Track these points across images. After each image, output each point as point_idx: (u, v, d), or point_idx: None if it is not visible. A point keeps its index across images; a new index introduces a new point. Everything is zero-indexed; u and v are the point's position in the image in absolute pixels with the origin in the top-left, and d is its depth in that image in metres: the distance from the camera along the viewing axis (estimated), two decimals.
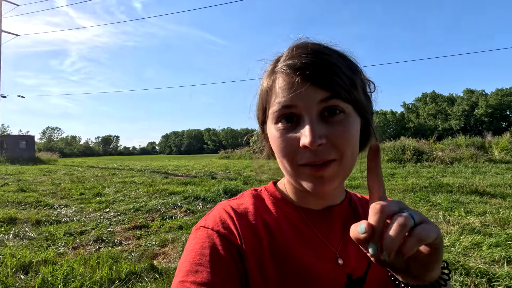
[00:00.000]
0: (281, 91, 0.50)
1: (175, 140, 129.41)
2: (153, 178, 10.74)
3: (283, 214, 0.59)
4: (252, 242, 0.53)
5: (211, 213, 0.60)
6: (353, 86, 0.50)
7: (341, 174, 0.51)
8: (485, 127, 53.73)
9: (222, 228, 0.54)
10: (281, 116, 0.51)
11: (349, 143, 0.50)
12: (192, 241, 0.54)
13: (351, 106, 0.50)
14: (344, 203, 0.63)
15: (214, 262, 0.49)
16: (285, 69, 0.51)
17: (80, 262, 3.18)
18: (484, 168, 11.01)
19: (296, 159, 0.50)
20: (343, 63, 0.51)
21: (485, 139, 17.44)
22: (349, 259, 0.56)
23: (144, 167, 16.67)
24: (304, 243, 0.56)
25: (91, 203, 6.43)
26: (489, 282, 2.58)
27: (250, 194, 0.64)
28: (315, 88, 0.48)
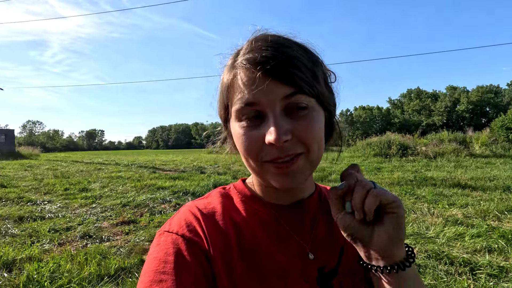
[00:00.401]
0: (242, 87, 0.49)
1: (162, 135, 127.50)
2: (141, 173, 10.57)
3: (252, 212, 0.58)
4: (220, 243, 0.52)
5: (176, 215, 0.57)
6: (315, 79, 0.49)
7: (308, 169, 0.51)
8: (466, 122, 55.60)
9: (187, 231, 0.52)
10: (244, 113, 0.49)
11: (314, 137, 0.49)
12: (156, 247, 0.51)
13: (314, 100, 0.50)
14: (314, 196, 0.63)
15: (180, 269, 0.47)
16: (245, 64, 0.49)
17: (67, 259, 3.10)
18: (466, 162, 11.42)
19: (261, 156, 0.49)
20: (304, 55, 0.50)
21: (466, 134, 18.08)
22: (320, 253, 0.56)
23: (131, 162, 16.37)
24: (274, 240, 0.55)
25: (76, 198, 6.27)
26: (471, 270, 2.69)
27: (218, 193, 0.62)
28: (277, 84, 0.47)
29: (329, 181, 7.94)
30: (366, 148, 16.05)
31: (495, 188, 6.19)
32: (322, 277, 0.54)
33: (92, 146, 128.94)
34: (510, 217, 4.21)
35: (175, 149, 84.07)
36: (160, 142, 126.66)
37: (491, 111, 56.14)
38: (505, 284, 2.43)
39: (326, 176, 8.70)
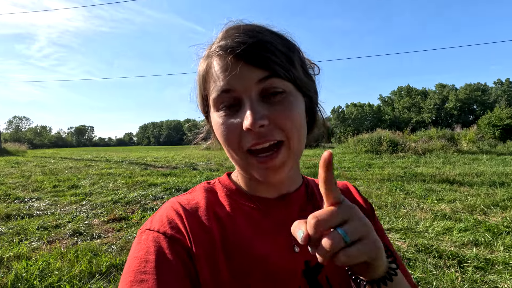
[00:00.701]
0: (217, 75, 0.48)
1: (154, 131, 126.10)
2: (132, 170, 10.44)
3: (237, 206, 0.57)
4: (203, 240, 0.51)
5: (158, 212, 0.56)
6: (290, 64, 0.48)
7: (291, 158, 0.50)
8: (454, 120, 56.81)
9: (169, 229, 0.51)
10: (222, 102, 0.49)
11: (293, 122, 0.48)
12: (136, 246, 0.50)
13: (291, 84, 0.49)
14: (301, 189, 0.62)
15: (161, 268, 0.46)
16: (218, 51, 0.49)
17: (57, 257, 3.05)
18: (454, 159, 11.68)
19: (242, 144, 0.48)
20: (277, 40, 0.49)
21: (455, 131, 18.49)
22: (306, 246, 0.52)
23: (122, 158, 16.15)
24: (260, 234, 0.54)
25: (66, 195, 6.15)
26: (459, 263, 2.76)
27: (203, 187, 0.61)
28: (250, 68, 0.46)
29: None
30: (358, 144, 16.23)
31: (481, 184, 6.35)
32: (308, 270, 0.53)
33: (82, 143, 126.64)
34: (496, 211, 4.33)
35: (167, 146, 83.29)
36: (151, 138, 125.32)
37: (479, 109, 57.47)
38: (491, 276, 2.50)
39: (317, 172, 8.76)
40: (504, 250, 2.99)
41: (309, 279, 0.53)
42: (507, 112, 18.76)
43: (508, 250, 3.01)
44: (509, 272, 2.55)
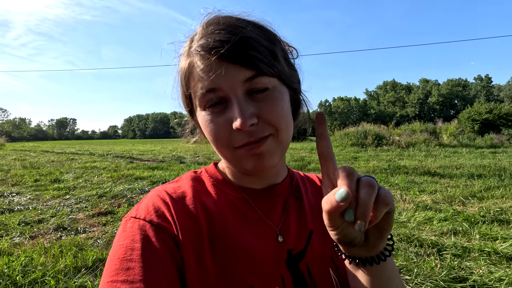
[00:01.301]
0: (201, 75, 0.47)
1: (139, 124, 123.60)
2: (117, 163, 10.23)
3: (223, 196, 0.57)
4: (190, 228, 0.51)
5: (143, 201, 0.55)
6: (274, 59, 0.48)
7: (279, 148, 0.50)
8: (436, 114, 58.58)
9: (155, 217, 0.50)
10: (207, 101, 0.48)
11: (281, 117, 0.48)
12: (122, 234, 0.49)
13: (276, 79, 0.49)
14: (286, 181, 0.63)
15: (147, 256, 0.45)
16: (199, 51, 0.47)
17: (40, 252, 2.98)
18: (435, 152, 12.09)
19: (231, 142, 0.48)
20: (260, 34, 0.48)
21: (437, 125, 19.08)
22: (289, 236, 0.56)
23: (107, 152, 15.79)
24: (245, 224, 0.55)
25: (48, 190, 5.98)
26: (439, 251, 2.89)
27: (189, 176, 0.61)
28: (235, 67, 0.45)
29: (308, 170, 8.11)
30: (344, 138, 16.50)
31: (460, 176, 6.62)
32: (290, 259, 0.54)
33: (64, 136, 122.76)
34: (473, 202, 4.54)
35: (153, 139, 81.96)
36: (137, 131, 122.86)
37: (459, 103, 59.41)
38: (467, 262, 2.64)
39: (305, 165, 8.88)
40: (480, 238, 3.15)
41: (291, 267, 0.54)
42: (485, 107, 19.50)
43: (483, 238, 3.17)
44: (484, 258, 2.69)
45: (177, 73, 0.56)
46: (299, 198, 0.63)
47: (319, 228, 0.60)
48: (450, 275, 2.41)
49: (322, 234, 0.59)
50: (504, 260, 2.66)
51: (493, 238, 3.15)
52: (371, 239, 0.45)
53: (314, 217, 0.62)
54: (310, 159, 10.30)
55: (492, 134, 16.83)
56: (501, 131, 18.11)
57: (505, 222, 3.61)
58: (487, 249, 2.83)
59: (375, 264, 0.46)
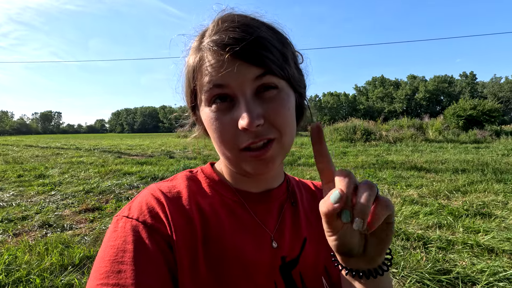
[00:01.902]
0: (210, 70, 0.46)
1: (127, 118, 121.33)
2: (105, 158, 10.03)
3: (219, 198, 0.57)
4: (185, 229, 0.50)
5: (136, 199, 0.54)
6: (285, 61, 0.48)
7: (281, 153, 0.50)
8: (423, 110, 59.86)
9: (149, 217, 0.49)
10: (214, 96, 0.47)
11: (286, 120, 0.48)
12: (113, 234, 0.47)
13: (285, 82, 0.49)
14: (282, 186, 0.63)
15: (140, 258, 0.44)
16: (212, 46, 0.46)
17: (24, 250, 2.90)
18: (421, 147, 12.37)
19: (237, 143, 0.47)
20: (273, 36, 0.48)
21: (423, 121, 19.49)
22: (284, 242, 0.56)
23: (93, 146, 15.45)
24: (240, 227, 0.54)
25: (32, 185, 5.81)
26: (424, 244, 2.97)
27: (185, 176, 0.60)
28: (247, 66, 0.45)
29: (298, 165, 8.17)
30: (333, 133, 16.67)
31: (445, 170, 6.80)
32: (284, 266, 0.54)
33: (48, 130, 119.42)
34: (458, 196, 4.68)
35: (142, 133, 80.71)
36: (125, 125, 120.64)
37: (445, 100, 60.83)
38: (451, 255, 2.72)
39: (295, 160, 8.93)
40: (463, 231, 3.26)
41: (284, 274, 0.53)
42: (470, 103, 20.00)
43: (466, 231, 3.28)
44: (467, 251, 2.79)
45: (184, 66, 0.54)
46: (294, 204, 0.63)
47: (313, 235, 0.60)
48: (435, 267, 2.48)
49: (316, 242, 0.59)
50: (485, 252, 2.76)
51: (476, 231, 3.26)
52: (370, 251, 0.44)
53: (308, 224, 0.61)
54: (300, 154, 10.36)
55: (476, 129, 17.32)
56: (484, 127, 18.67)
57: (487, 216, 3.74)
58: (470, 241, 2.93)
59: (371, 278, 0.45)
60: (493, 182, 5.49)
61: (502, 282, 2.26)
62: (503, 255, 2.72)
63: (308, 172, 6.98)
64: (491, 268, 2.40)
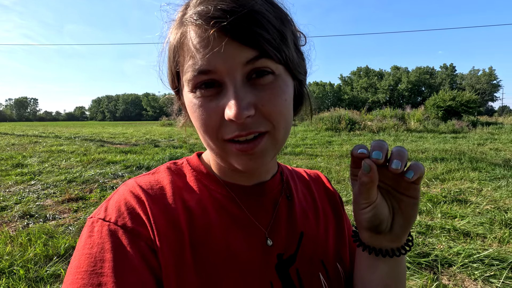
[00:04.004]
0: (193, 50, 0.40)
1: (109, 105, 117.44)
2: (87, 147, 9.73)
3: (208, 193, 0.51)
4: (169, 231, 0.44)
5: (113, 197, 0.47)
6: (283, 42, 0.41)
7: (274, 148, 0.45)
8: (405, 100, 61.47)
9: (129, 220, 0.43)
10: (198, 83, 0.41)
11: (281, 112, 0.42)
12: (88, 240, 0.42)
13: (282, 67, 0.42)
14: (276, 177, 0.58)
15: (121, 269, 0.39)
16: (195, 19, 0.39)
17: (5, 241, 2.82)
18: (403, 136, 12.76)
19: (221, 133, 0.42)
20: (270, 11, 0.41)
21: (405, 111, 20.02)
22: (280, 239, 0.52)
23: (74, 134, 14.93)
24: (231, 225, 0.49)
25: (10, 175, 5.58)
26: None
27: (168, 168, 0.54)
28: (236, 45, 0.38)
29: (284, 154, 8.24)
30: (319, 122, 16.86)
31: (425, 159, 7.08)
32: (281, 264, 0.50)
33: (24, 117, 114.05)
34: (436, 184, 4.90)
35: (124, 121, 78.54)
36: (106, 113, 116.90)
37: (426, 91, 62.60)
38: (430, 239, 2.87)
39: (281, 149, 9.00)
40: (441, 217, 3.43)
41: (280, 273, 0.50)
42: (449, 94, 20.71)
43: (444, 216, 3.46)
44: (444, 235, 2.95)
45: (165, 43, 0.47)
46: (290, 197, 0.58)
47: (310, 229, 0.57)
48: (415, 251, 2.61)
49: (312, 236, 0.56)
50: (461, 236, 2.93)
51: (453, 216, 3.44)
52: (396, 229, 0.46)
53: (304, 217, 0.58)
54: (286, 143, 10.42)
55: (454, 120, 18.02)
56: (462, 117, 19.45)
57: (463, 202, 3.94)
58: (447, 226, 3.10)
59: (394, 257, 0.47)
60: (469, 170, 5.78)
61: (476, 263, 2.41)
62: (477, 238, 2.90)
63: (294, 161, 7.07)
64: (466, 251, 2.56)
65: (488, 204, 3.79)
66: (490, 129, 15.99)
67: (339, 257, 0.59)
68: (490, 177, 5.23)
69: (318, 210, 0.61)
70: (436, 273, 2.33)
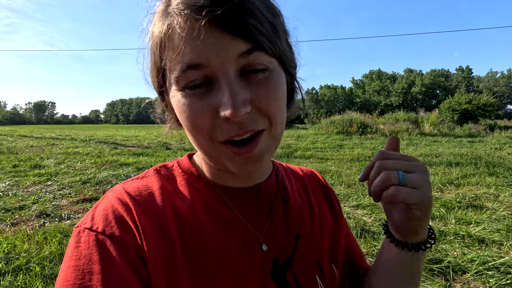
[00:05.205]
0: (181, 43, 0.37)
1: (122, 109, 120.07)
2: (101, 149, 9.99)
3: (199, 197, 0.49)
4: (158, 238, 0.43)
5: (100, 205, 0.45)
6: (276, 34, 0.40)
7: (272, 147, 0.43)
8: (419, 104, 60.14)
9: (117, 229, 0.41)
10: (188, 80, 0.38)
11: (278, 107, 0.41)
12: (74, 251, 0.40)
13: (276, 60, 0.41)
14: (271, 178, 0.55)
15: (111, 281, 0.37)
16: (182, 9, 0.36)
17: (23, 239, 2.92)
18: (416, 140, 12.48)
19: (215, 134, 0.39)
20: (262, 3, 0.39)
21: (419, 114, 19.59)
22: (275, 243, 0.50)
23: (89, 137, 15.34)
24: (224, 230, 0.47)
25: (28, 176, 5.79)
26: None
27: (158, 173, 0.51)
28: (230, 37, 0.36)
29: (294, 157, 8.21)
30: (330, 126, 16.72)
31: (440, 163, 6.90)
32: (276, 269, 0.49)
33: (42, 120, 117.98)
34: (451, 189, 4.77)
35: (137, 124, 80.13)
36: (120, 116, 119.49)
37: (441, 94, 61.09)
38: (443, 245, 2.80)
39: (291, 153, 8.98)
40: (455, 223, 3.34)
41: (276, 278, 0.48)
42: (465, 97, 20.14)
43: (458, 222, 3.36)
44: (458, 241, 2.87)
45: (148, 37, 0.43)
46: (286, 198, 0.56)
47: (305, 231, 0.55)
48: (427, 257, 2.55)
49: (308, 237, 0.55)
50: (476, 243, 2.85)
51: (467, 222, 3.35)
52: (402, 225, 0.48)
53: (300, 218, 0.56)
54: (296, 146, 10.41)
55: (471, 124, 17.50)
56: (479, 121, 18.87)
57: (479, 208, 3.83)
58: (461, 232, 3.01)
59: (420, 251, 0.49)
60: (486, 175, 5.60)
61: (491, 271, 2.34)
62: (492, 245, 2.80)
63: (304, 165, 7.03)
64: (481, 258, 2.48)
65: (505, 210, 3.66)
66: (508, 133, 15.44)
67: (334, 257, 0.58)
68: (508, 182, 5.05)
69: (314, 209, 0.60)
70: (448, 280, 2.27)
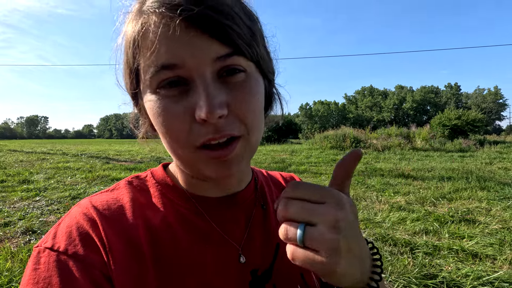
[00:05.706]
0: (156, 43, 0.35)
1: (116, 123, 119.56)
2: (92, 164, 9.83)
3: (173, 208, 0.46)
4: (126, 254, 0.40)
5: (64, 221, 0.42)
6: (253, 39, 0.39)
7: (248, 153, 0.42)
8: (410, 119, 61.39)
9: (81, 247, 0.38)
10: (162, 80, 0.37)
11: (255, 112, 0.40)
12: (33, 274, 0.36)
13: (254, 65, 0.40)
14: (249, 187, 0.53)
15: None
16: (157, 8, 0.35)
17: (6, 257, 2.81)
18: (409, 155, 12.62)
19: (191, 139, 0.38)
20: (239, 7, 0.39)
21: (410, 130, 19.92)
22: (254, 254, 0.49)
23: (81, 152, 15.13)
24: (199, 242, 0.45)
25: (15, 191, 5.64)
26: (411, 250, 3.02)
27: (129, 184, 0.49)
28: (206, 39, 0.35)
29: (289, 171, 8.18)
30: (323, 141, 16.84)
31: (432, 178, 6.96)
32: (255, 281, 0.47)
33: (34, 134, 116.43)
34: (443, 203, 4.79)
35: (131, 139, 79.54)
36: (113, 131, 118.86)
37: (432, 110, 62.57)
38: (437, 260, 2.78)
39: (286, 167, 8.97)
40: (449, 237, 3.33)
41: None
42: (455, 113, 20.65)
43: (452, 236, 3.35)
44: (452, 256, 2.85)
45: (121, 37, 0.42)
46: (264, 206, 0.54)
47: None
48: (421, 272, 2.52)
49: None
50: (470, 257, 2.83)
51: (461, 236, 3.34)
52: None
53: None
54: (290, 161, 10.42)
55: (461, 139, 17.83)
56: (469, 136, 19.26)
57: (471, 222, 3.83)
58: (455, 247, 3.00)
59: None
60: (477, 189, 5.65)
61: (486, 286, 2.31)
62: (486, 259, 2.79)
63: None
64: (475, 273, 2.46)
65: (497, 224, 3.67)
66: (498, 148, 15.75)
67: None
68: (499, 196, 5.10)
69: None
70: None
